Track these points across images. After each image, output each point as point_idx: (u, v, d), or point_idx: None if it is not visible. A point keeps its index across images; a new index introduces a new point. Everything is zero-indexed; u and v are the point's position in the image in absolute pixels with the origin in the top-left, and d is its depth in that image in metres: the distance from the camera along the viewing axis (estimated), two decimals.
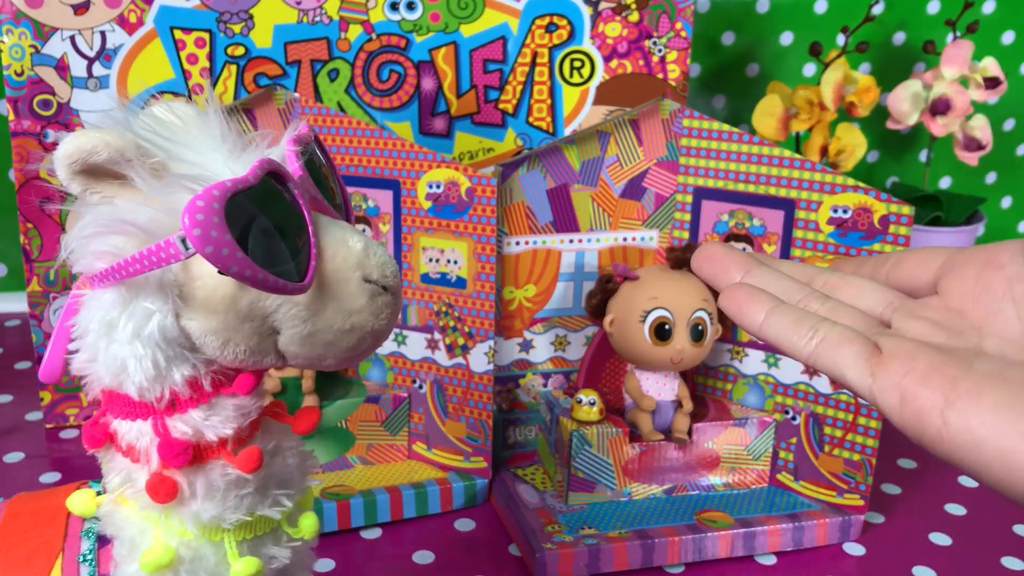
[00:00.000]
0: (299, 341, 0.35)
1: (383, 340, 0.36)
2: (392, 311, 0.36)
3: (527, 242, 0.72)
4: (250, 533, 0.37)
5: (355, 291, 0.34)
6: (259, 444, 0.37)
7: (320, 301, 0.34)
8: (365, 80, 0.73)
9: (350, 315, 0.34)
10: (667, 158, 0.72)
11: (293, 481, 0.39)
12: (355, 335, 0.35)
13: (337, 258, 0.34)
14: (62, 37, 0.68)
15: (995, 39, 1.14)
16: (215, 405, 0.36)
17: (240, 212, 0.31)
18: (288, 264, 0.32)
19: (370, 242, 0.35)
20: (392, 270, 0.35)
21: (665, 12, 0.75)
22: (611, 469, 0.67)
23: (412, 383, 0.72)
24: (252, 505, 0.37)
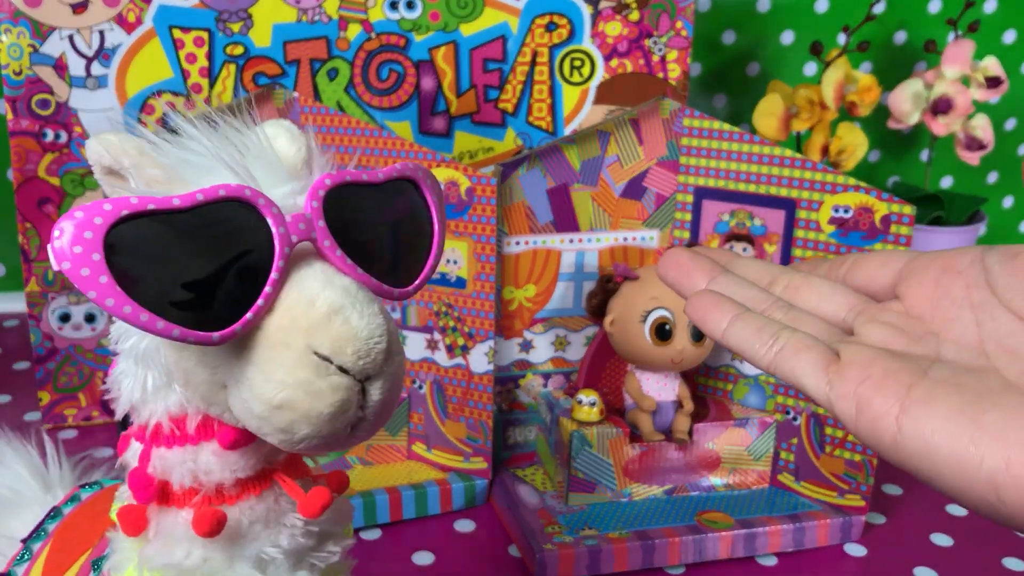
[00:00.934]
0: (237, 404, 0.30)
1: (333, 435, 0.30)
2: (343, 399, 0.29)
3: (527, 242, 0.72)
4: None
5: (293, 362, 0.29)
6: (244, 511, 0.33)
7: (254, 364, 0.29)
8: (364, 79, 0.73)
9: (281, 388, 0.29)
10: (668, 158, 0.72)
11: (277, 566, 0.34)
12: (285, 415, 0.29)
13: (286, 316, 0.29)
14: (61, 36, 0.67)
15: (996, 38, 1.13)
16: (199, 451, 0.32)
17: (144, 236, 0.27)
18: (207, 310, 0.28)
19: (351, 310, 0.29)
20: (360, 349, 0.29)
21: (665, 11, 0.75)
22: (611, 470, 0.67)
23: (412, 383, 0.72)
24: (210, 573, 0.33)
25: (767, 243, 0.69)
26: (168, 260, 0.28)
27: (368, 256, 0.31)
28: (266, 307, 0.29)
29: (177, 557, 0.33)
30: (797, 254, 0.67)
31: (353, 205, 0.32)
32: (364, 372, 0.29)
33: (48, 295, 0.74)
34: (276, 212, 0.29)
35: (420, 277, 0.33)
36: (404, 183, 0.34)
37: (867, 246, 0.64)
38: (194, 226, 0.28)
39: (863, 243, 0.65)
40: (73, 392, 0.77)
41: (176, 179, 0.31)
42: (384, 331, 0.30)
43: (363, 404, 0.30)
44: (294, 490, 0.33)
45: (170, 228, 0.28)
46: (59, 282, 0.74)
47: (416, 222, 0.34)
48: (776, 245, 0.69)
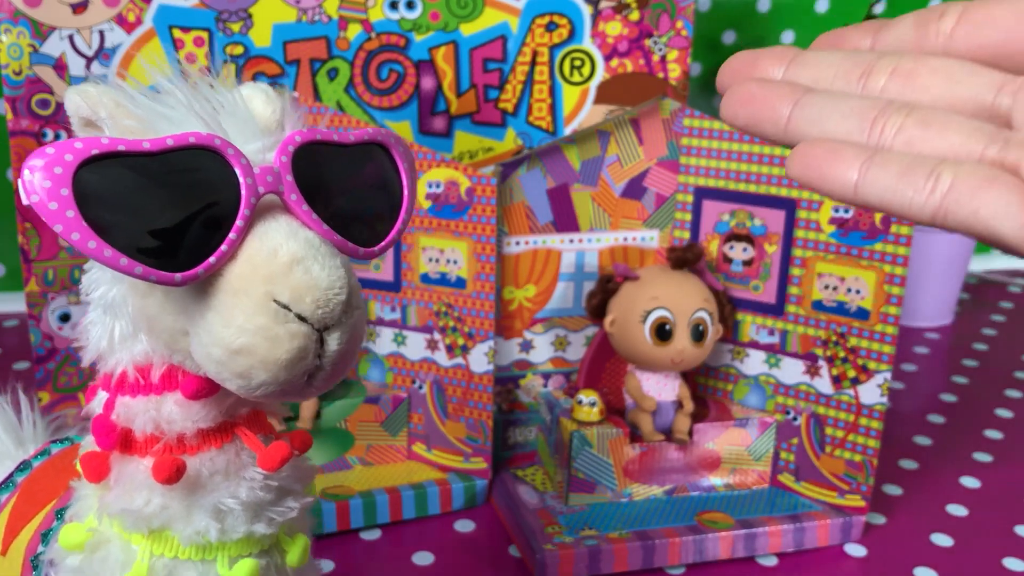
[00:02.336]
0: (198, 350, 0.31)
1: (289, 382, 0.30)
2: (300, 347, 0.30)
3: (527, 242, 0.72)
4: (170, 552, 0.34)
5: (252, 308, 0.29)
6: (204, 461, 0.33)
7: (214, 309, 0.30)
8: (364, 79, 0.73)
9: (240, 333, 0.29)
10: (668, 157, 0.72)
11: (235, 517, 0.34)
12: (243, 359, 0.29)
13: (248, 264, 0.30)
14: (60, 36, 0.67)
15: None
16: (162, 401, 0.33)
17: (112, 176, 0.28)
18: (172, 252, 0.28)
19: (312, 262, 0.30)
20: (318, 299, 0.30)
21: (666, 11, 0.74)
22: (611, 470, 0.67)
23: (412, 383, 0.72)
24: (168, 520, 0.34)
25: (767, 243, 0.69)
26: (136, 202, 0.28)
27: (334, 213, 0.32)
28: (229, 254, 0.30)
29: (136, 504, 0.33)
30: (797, 254, 0.67)
31: (322, 163, 0.32)
32: (322, 322, 0.30)
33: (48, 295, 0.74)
34: (244, 163, 0.30)
35: (387, 239, 0.34)
36: (375, 147, 0.34)
37: (867, 246, 0.64)
38: (163, 171, 0.29)
39: (863, 243, 0.65)
40: (72, 392, 0.76)
41: (150, 131, 0.31)
42: (345, 283, 0.30)
43: (321, 354, 0.30)
44: (255, 443, 0.34)
45: (139, 171, 0.28)
46: (59, 282, 0.74)
47: (384, 186, 0.34)
48: (776, 245, 0.69)
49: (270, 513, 0.35)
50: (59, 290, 0.74)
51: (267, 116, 0.34)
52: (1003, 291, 1.17)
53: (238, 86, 0.34)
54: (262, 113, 0.34)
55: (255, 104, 0.34)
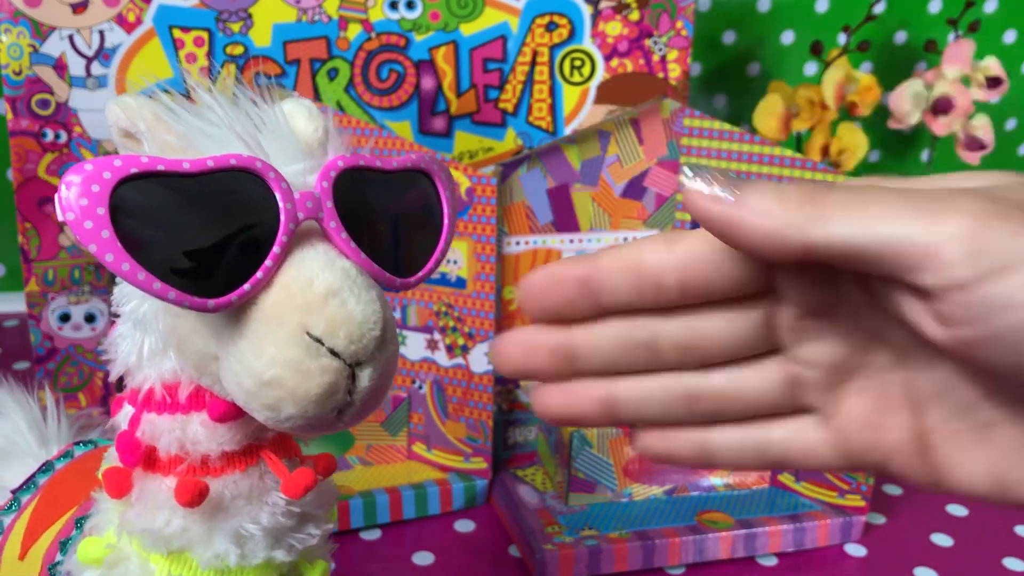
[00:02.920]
0: (228, 376, 0.30)
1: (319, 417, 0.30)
2: (332, 382, 0.29)
3: (527, 242, 0.72)
4: (189, 573, 0.34)
5: (286, 338, 0.29)
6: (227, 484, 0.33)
7: (247, 338, 0.29)
8: (364, 79, 0.73)
9: (272, 365, 0.29)
10: (668, 157, 0.72)
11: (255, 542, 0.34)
12: (273, 392, 0.29)
13: (283, 293, 0.29)
14: (60, 36, 0.67)
15: (997, 38, 1.13)
16: (189, 421, 0.33)
17: (150, 196, 0.27)
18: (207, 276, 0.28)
19: (349, 295, 0.29)
20: (352, 334, 0.29)
21: (666, 11, 0.74)
22: (611, 470, 0.67)
23: (412, 384, 0.72)
24: (188, 543, 0.33)
25: None
26: (172, 223, 0.28)
27: (372, 242, 0.31)
28: (264, 281, 0.29)
29: (157, 524, 0.33)
30: None
31: (363, 190, 0.32)
32: (355, 357, 0.29)
33: (48, 295, 0.74)
34: (285, 187, 0.29)
35: (424, 269, 0.34)
36: (417, 174, 0.34)
37: None
38: (201, 192, 0.28)
39: None
40: (73, 392, 0.76)
41: (190, 147, 0.31)
42: (380, 318, 0.30)
43: (352, 389, 0.30)
44: (279, 469, 0.33)
45: (178, 191, 0.28)
46: (59, 282, 0.74)
47: (425, 214, 0.34)
48: None
49: (291, 540, 0.35)
50: (59, 290, 0.74)
51: (309, 135, 0.34)
52: None
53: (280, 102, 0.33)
54: (303, 131, 0.33)
55: (297, 122, 0.34)
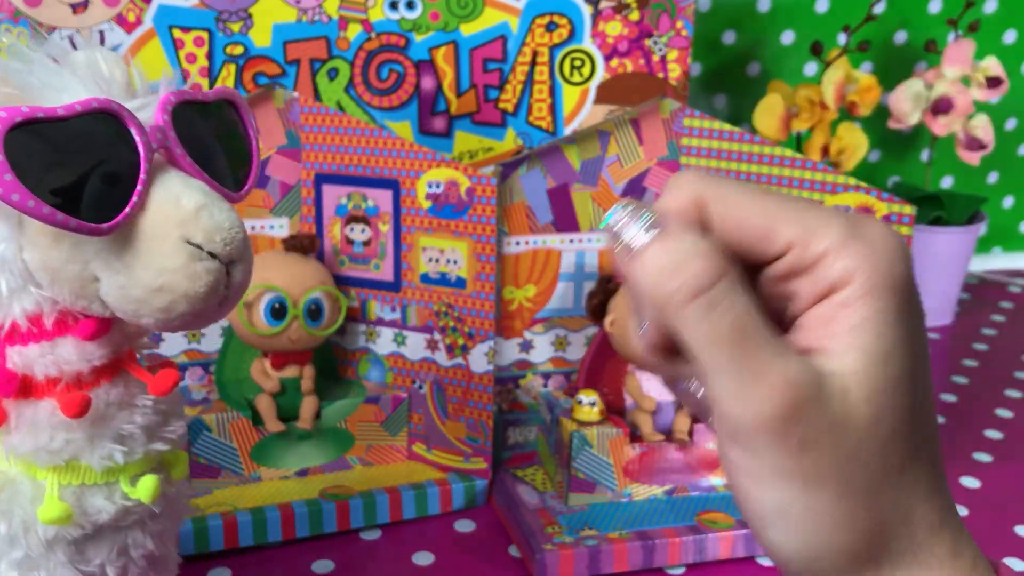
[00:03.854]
0: (114, 292, 0.34)
1: (205, 311, 0.35)
2: (214, 280, 0.34)
3: (527, 242, 0.72)
4: (77, 480, 0.37)
5: (170, 250, 0.34)
6: (101, 394, 0.37)
7: (132, 254, 0.34)
8: (364, 79, 0.73)
9: (161, 273, 0.34)
10: (668, 157, 0.72)
11: (135, 440, 0.38)
12: (165, 296, 0.34)
13: (159, 212, 0.34)
14: (61, 36, 0.67)
15: (997, 38, 1.13)
16: (57, 345, 0.36)
17: (34, 140, 0.31)
18: (93, 205, 0.32)
19: (212, 207, 0.34)
20: (225, 238, 0.34)
21: (666, 11, 0.74)
22: (611, 470, 0.67)
23: (412, 384, 0.72)
24: (77, 452, 0.37)
25: None
26: (57, 161, 0.32)
27: (208, 163, 0.36)
28: (139, 203, 0.34)
29: (42, 441, 0.37)
30: None
31: (192, 119, 0.36)
32: (229, 256, 0.35)
33: None
34: (138, 123, 0.34)
35: (248, 184, 0.39)
36: (227, 104, 0.39)
37: None
38: (75, 133, 0.32)
39: None
40: None
41: (32, 98, 0.34)
42: (240, 223, 0.36)
43: (228, 284, 0.35)
44: (143, 374, 0.38)
45: (57, 133, 0.32)
46: None
47: (241, 137, 0.39)
48: None
49: (163, 433, 0.39)
50: None
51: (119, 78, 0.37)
52: (1003, 291, 1.17)
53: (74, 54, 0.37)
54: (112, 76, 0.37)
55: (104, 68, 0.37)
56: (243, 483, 0.67)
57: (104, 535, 0.39)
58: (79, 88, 0.35)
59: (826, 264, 0.27)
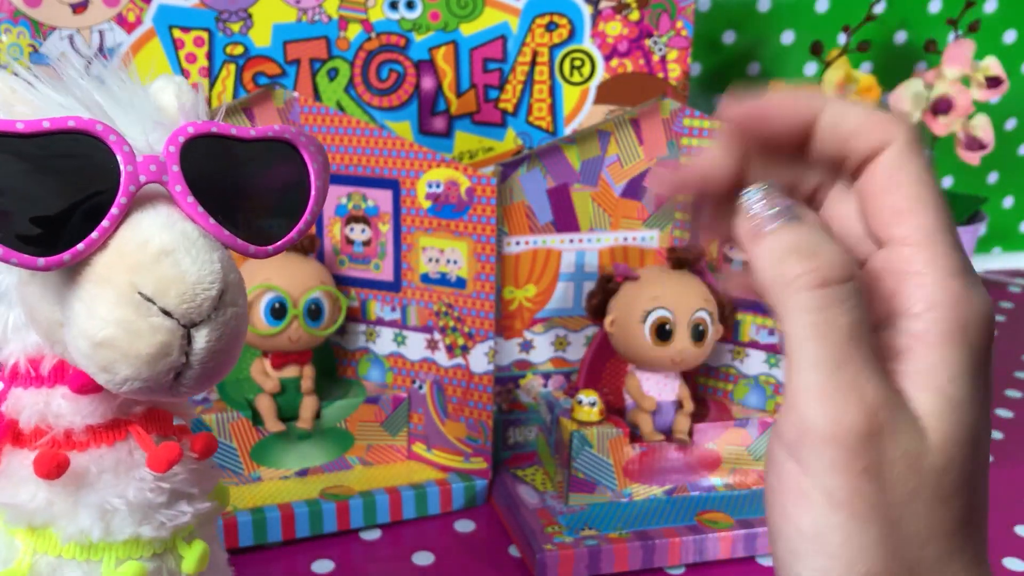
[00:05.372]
0: (69, 341, 0.30)
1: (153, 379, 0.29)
2: (164, 342, 0.29)
3: (527, 242, 0.72)
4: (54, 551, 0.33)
5: (115, 297, 0.28)
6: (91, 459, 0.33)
7: (81, 299, 0.29)
8: (364, 79, 0.73)
9: (104, 325, 0.28)
10: (668, 157, 0.72)
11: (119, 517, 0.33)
12: (105, 352, 0.29)
13: (116, 252, 0.29)
14: (60, 36, 0.67)
15: (997, 38, 1.13)
16: (52, 395, 0.33)
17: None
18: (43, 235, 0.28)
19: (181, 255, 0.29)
20: (183, 293, 0.29)
21: (666, 11, 0.74)
22: (611, 470, 0.67)
23: (412, 383, 0.72)
24: (52, 518, 0.33)
25: None
26: (9, 185, 0.28)
27: (227, 208, 0.31)
28: (99, 241, 0.29)
29: (21, 498, 0.33)
30: None
31: (219, 157, 0.32)
32: (187, 317, 0.29)
33: None
34: (127, 150, 0.29)
35: (284, 239, 0.33)
36: (281, 144, 0.33)
37: None
38: (40, 155, 0.28)
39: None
40: None
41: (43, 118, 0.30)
42: (217, 278, 0.30)
43: (188, 352, 0.29)
44: (146, 443, 0.33)
45: (14, 153, 0.28)
46: None
47: (290, 184, 0.33)
48: None
49: (160, 516, 0.34)
50: None
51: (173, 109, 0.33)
52: (1003, 291, 1.17)
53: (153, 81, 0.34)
54: (169, 105, 0.33)
55: (166, 96, 0.34)
56: (243, 483, 0.67)
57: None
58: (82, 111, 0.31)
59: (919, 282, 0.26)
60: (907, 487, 0.25)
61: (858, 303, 0.25)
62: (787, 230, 0.27)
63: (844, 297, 0.25)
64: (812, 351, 0.25)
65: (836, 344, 0.25)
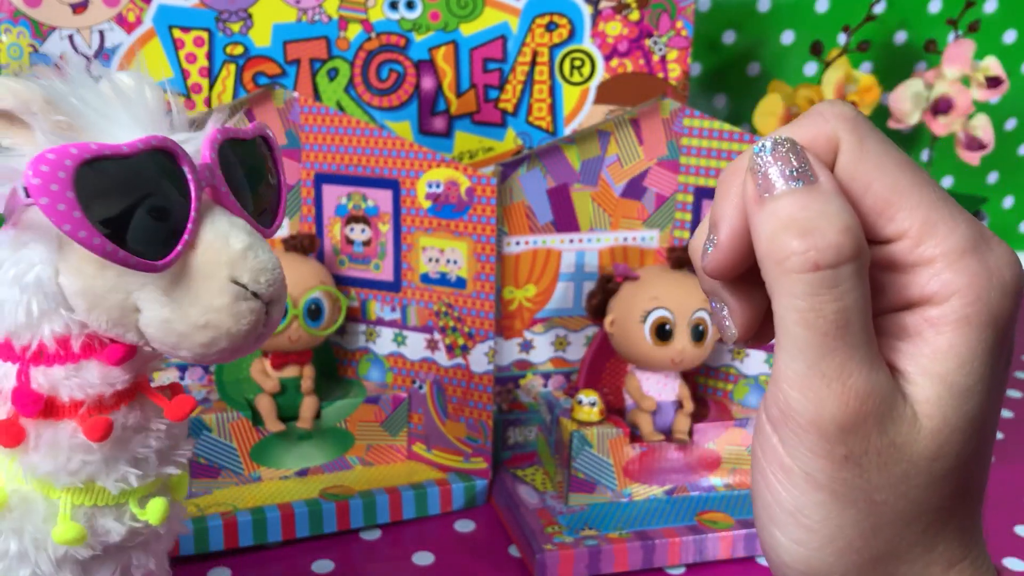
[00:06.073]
0: (156, 324, 0.35)
1: (243, 346, 0.36)
2: (256, 319, 0.35)
3: (527, 242, 0.72)
4: (90, 500, 0.38)
5: (218, 289, 0.34)
6: (120, 417, 0.37)
7: (181, 290, 0.34)
8: (364, 79, 0.73)
9: (207, 311, 0.34)
10: (668, 157, 0.72)
11: (149, 463, 0.39)
12: (209, 332, 0.35)
13: (210, 251, 0.34)
14: (60, 36, 0.67)
15: (997, 38, 1.13)
16: (82, 368, 0.36)
17: (100, 177, 0.32)
18: (149, 242, 0.33)
19: (257, 247, 0.35)
20: (269, 279, 0.35)
21: (666, 11, 0.74)
22: (611, 470, 0.67)
23: (412, 383, 0.72)
24: (94, 474, 0.37)
25: None
26: (119, 198, 0.32)
27: (246, 201, 0.37)
28: (190, 241, 0.34)
29: (61, 462, 0.37)
30: None
31: (233, 156, 0.37)
32: (270, 296, 0.36)
33: None
34: (190, 161, 0.34)
35: (277, 220, 0.39)
36: (262, 140, 0.39)
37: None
38: (134, 170, 0.33)
39: None
40: None
41: (82, 127, 0.34)
42: (279, 263, 0.37)
43: (265, 323, 0.36)
44: (160, 399, 0.39)
45: (118, 170, 0.32)
46: None
47: (271, 174, 0.39)
48: None
49: (174, 456, 0.40)
50: None
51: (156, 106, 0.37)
52: None
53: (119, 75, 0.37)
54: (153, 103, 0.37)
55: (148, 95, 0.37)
56: (243, 483, 0.67)
57: (110, 555, 0.39)
58: (128, 120, 0.35)
59: (930, 271, 0.25)
60: (893, 472, 0.25)
61: (854, 286, 0.24)
62: (790, 197, 0.24)
63: (838, 282, 0.24)
64: (797, 337, 0.24)
65: (823, 332, 0.24)
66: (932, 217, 0.25)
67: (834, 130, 0.26)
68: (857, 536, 0.25)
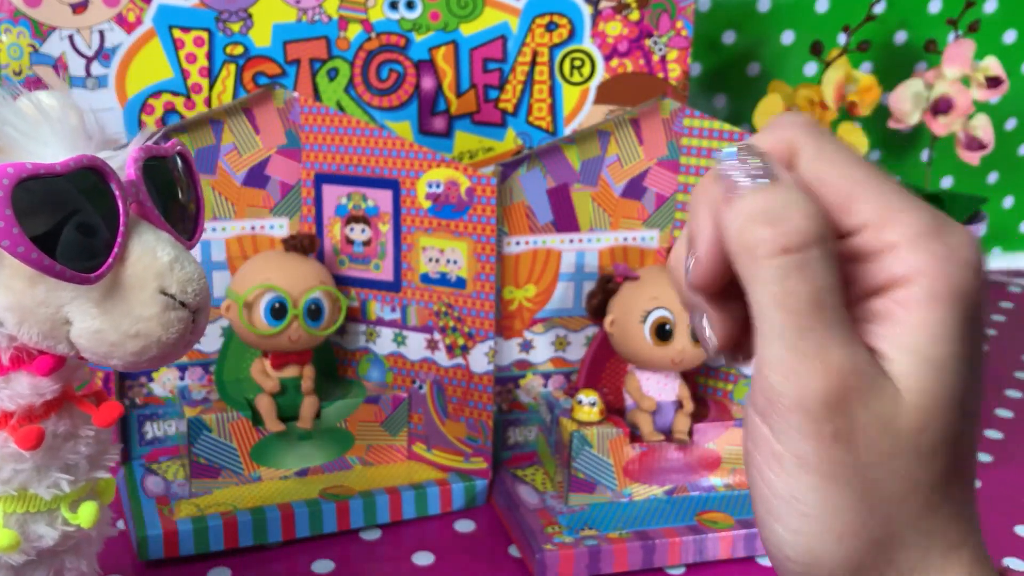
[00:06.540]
0: (88, 335, 0.36)
1: (173, 354, 0.38)
2: (184, 327, 0.37)
3: (527, 242, 0.72)
4: (23, 508, 0.39)
5: (147, 299, 0.36)
6: (51, 426, 0.39)
7: (112, 301, 0.36)
8: (364, 79, 0.73)
9: (138, 321, 0.36)
10: (668, 157, 0.72)
11: (79, 469, 0.41)
12: (140, 341, 0.36)
13: (139, 264, 0.36)
14: (60, 36, 0.67)
15: (997, 38, 1.13)
16: (11, 380, 0.38)
17: (35, 195, 0.33)
18: (81, 256, 0.34)
19: (183, 259, 0.37)
20: (195, 289, 0.37)
21: (666, 11, 0.74)
22: (611, 470, 0.67)
23: (412, 384, 0.72)
24: (26, 481, 0.39)
25: None
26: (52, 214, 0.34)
27: (169, 216, 0.39)
28: (119, 255, 0.36)
29: (5, 473, 0.39)
30: None
31: (156, 173, 0.39)
32: (197, 305, 0.37)
33: None
34: (118, 178, 0.36)
35: (197, 233, 0.41)
36: (179, 157, 0.41)
37: None
38: (65, 188, 0.34)
39: None
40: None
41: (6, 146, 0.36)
42: (203, 273, 0.38)
43: (192, 331, 0.38)
44: (87, 407, 0.40)
45: (51, 188, 0.34)
46: None
47: (190, 189, 0.41)
48: None
49: (103, 461, 0.42)
50: None
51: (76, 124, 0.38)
52: (1003, 291, 1.17)
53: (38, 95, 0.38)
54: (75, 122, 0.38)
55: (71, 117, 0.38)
56: (243, 483, 0.67)
57: (43, 559, 0.41)
58: (52, 139, 0.36)
59: (894, 255, 0.26)
60: (882, 448, 0.25)
61: (823, 267, 0.25)
62: (755, 193, 0.26)
63: (808, 263, 0.25)
64: (776, 320, 0.25)
65: (798, 313, 0.25)
66: (891, 205, 0.26)
67: (793, 136, 0.27)
68: (854, 518, 0.26)
